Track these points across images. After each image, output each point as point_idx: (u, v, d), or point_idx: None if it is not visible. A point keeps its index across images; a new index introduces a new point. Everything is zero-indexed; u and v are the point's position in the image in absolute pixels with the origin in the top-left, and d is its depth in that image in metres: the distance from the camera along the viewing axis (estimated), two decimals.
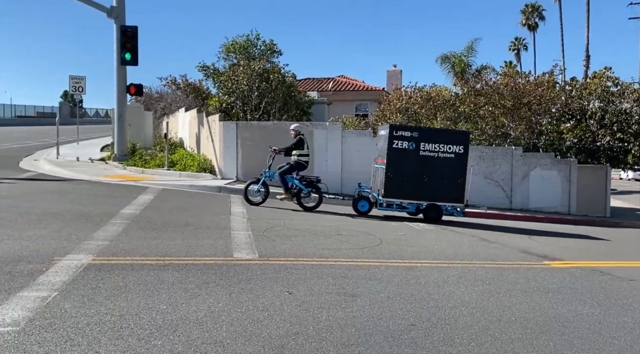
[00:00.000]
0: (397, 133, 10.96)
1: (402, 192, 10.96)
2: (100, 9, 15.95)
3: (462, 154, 11.06)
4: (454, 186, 10.99)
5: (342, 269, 5.99)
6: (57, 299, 4.19)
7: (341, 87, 27.74)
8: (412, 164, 10.87)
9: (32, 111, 72.28)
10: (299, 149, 10.97)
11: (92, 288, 4.56)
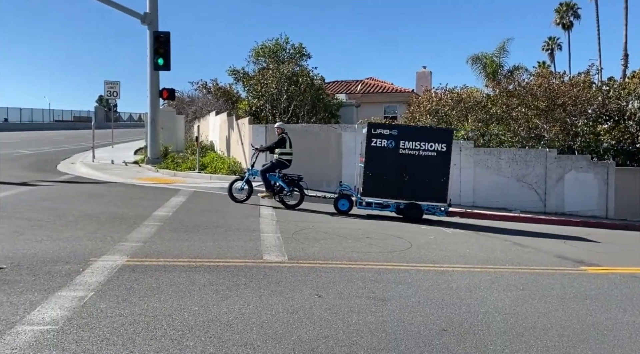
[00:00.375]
0: (376, 131, 10.79)
1: (381, 191, 10.80)
2: (134, 15, 16.36)
3: (444, 152, 10.78)
4: (436, 184, 10.76)
5: (371, 273, 5.95)
6: (93, 299, 4.30)
7: (370, 89, 27.64)
8: (392, 163, 10.68)
9: (69, 115, 74.71)
10: (281, 148, 11.02)
11: (126, 289, 4.67)
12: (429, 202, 10.80)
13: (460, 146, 14.53)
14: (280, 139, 11.06)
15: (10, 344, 3.31)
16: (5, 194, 10.06)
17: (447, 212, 11.01)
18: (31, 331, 3.53)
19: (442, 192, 10.83)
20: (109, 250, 6.04)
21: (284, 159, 11.04)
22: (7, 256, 5.44)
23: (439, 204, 10.83)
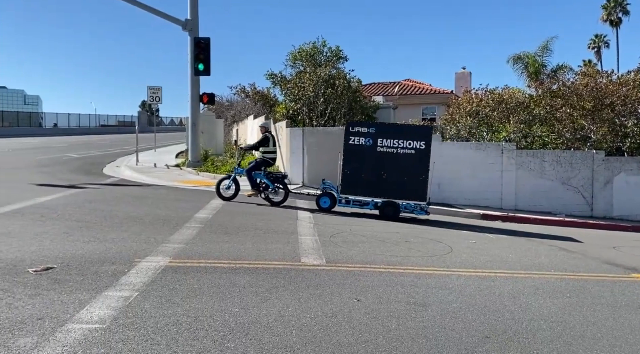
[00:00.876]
0: (354, 129, 10.78)
1: (360, 189, 10.76)
2: (176, 22, 16.80)
3: (423, 150, 10.57)
4: (415, 183, 10.56)
5: (411, 278, 5.87)
6: (138, 299, 4.42)
7: (407, 91, 27.36)
8: (370, 161, 10.62)
9: (113, 120, 77.58)
10: (265, 147, 11.19)
11: (169, 290, 4.78)
12: (407, 200, 10.64)
13: (501, 147, 14.17)
14: (263, 138, 11.27)
15: (62, 341, 3.44)
16: (56, 196, 10.51)
17: (427, 211, 10.74)
18: (80, 329, 3.66)
19: (421, 190, 10.61)
20: (152, 251, 6.21)
21: (267, 158, 11.23)
22: (58, 256, 5.67)
23: (417, 203, 10.63)
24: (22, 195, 10.36)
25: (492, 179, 14.04)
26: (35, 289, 4.50)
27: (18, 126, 56.90)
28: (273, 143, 11.34)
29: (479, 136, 16.07)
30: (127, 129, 63.04)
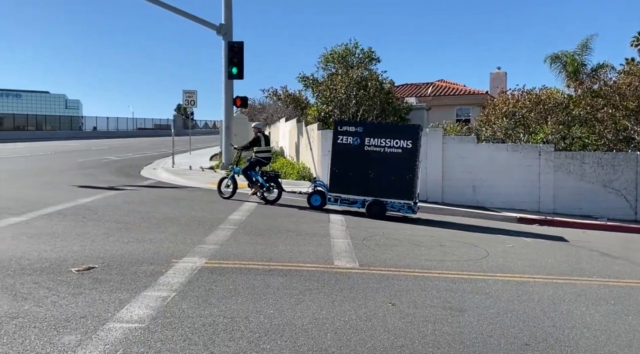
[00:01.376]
0: (342, 128, 10.82)
1: (348, 187, 10.78)
2: (210, 26, 17.11)
3: (410, 149, 10.48)
4: (401, 182, 10.48)
5: (446, 282, 5.78)
6: (175, 300, 4.51)
7: (441, 92, 27.00)
8: (357, 160, 10.64)
9: (150, 123, 79.62)
10: (257, 146, 11.51)
11: (205, 290, 4.85)
12: (394, 199, 10.55)
13: (539, 149, 13.80)
14: (255, 138, 11.58)
15: (103, 339, 3.54)
16: (96, 197, 10.85)
17: (414, 210, 10.62)
18: (121, 328, 3.76)
19: (408, 189, 10.53)
20: (189, 252, 6.32)
21: (260, 157, 11.55)
22: (99, 256, 5.85)
23: (404, 202, 10.51)
24: (65, 196, 10.75)
25: (529, 182, 13.68)
26: (78, 288, 4.66)
27: (60, 130, 59.06)
28: (266, 143, 11.68)
29: (515, 138, 15.69)
30: (163, 132, 64.54)
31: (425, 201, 13.48)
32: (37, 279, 4.89)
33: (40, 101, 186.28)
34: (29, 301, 4.26)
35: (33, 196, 10.77)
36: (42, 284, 4.72)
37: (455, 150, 13.89)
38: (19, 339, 3.46)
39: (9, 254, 5.79)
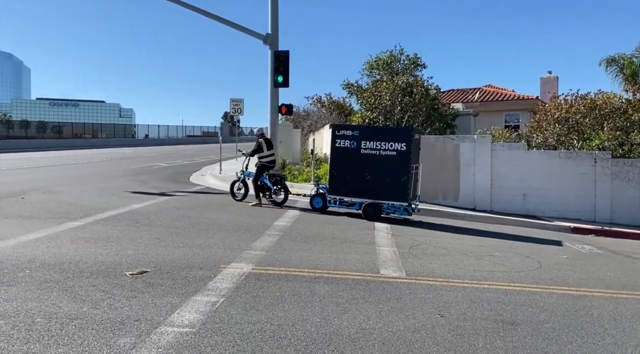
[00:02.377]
0: (340, 132, 11.09)
1: (346, 190, 11.03)
2: (257, 36, 17.42)
3: (404, 152, 10.56)
4: (396, 184, 10.60)
5: (497, 294, 5.59)
6: (224, 305, 4.58)
7: (488, 97, 26.33)
8: (354, 163, 10.87)
9: (198, 130, 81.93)
10: (259, 153, 11.99)
11: (253, 296, 4.91)
12: (389, 201, 10.70)
13: (594, 156, 13.19)
14: (257, 145, 12.07)
15: (156, 343, 3.64)
16: (148, 203, 11.24)
17: (410, 212, 10.74)
18: (172, 332, 3.86)
19: (403, 191, 10.62)
20: (236, 258, 6.43)
21: (264, 162, 12.02)
22: (151, 261, 6.04)
23: (399, 203, 10.65)
24: (119, 202, 11.20)
25: (584, 190, 13.09)
26: (132, 292, 4.82)
27: (114, 137, 61.68)
28: (268, 147, 12.08)
29: (569, 144, 15.07)
30: (210, 139, 66.24)
31: (473, 209, 13.16)
32: (94, 282, 5.10)
33: (96, 110, 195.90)
34: (87, 303, 4.44)
35: (90, 201, 11.28)
36: (98, 287, 4.92)
37: (504, 157, 13.49)
38: (79, 341, 3.61)
39: (69, 257, 6.07)
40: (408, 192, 10.63)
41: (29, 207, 9.97)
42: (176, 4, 17.55)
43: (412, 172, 10.68)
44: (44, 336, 3.66)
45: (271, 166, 12.19)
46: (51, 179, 16.30)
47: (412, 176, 10.68)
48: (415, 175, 11.06)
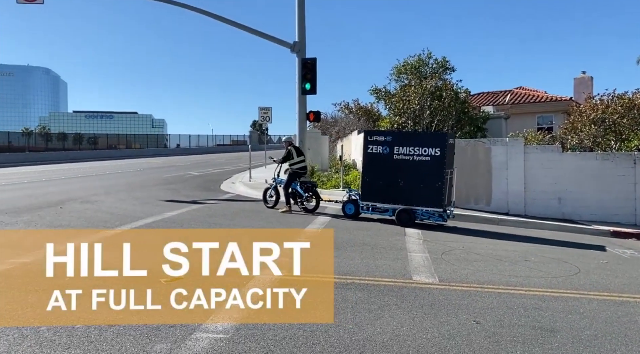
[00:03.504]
0: (372, 138, 11.09)
1: (379, 196, 10.95)
2: (284, 45, 17.61)
3: (438, 157, 10.37)
4: (430, 189, 10.43)
5: (534, 300, 5.44)
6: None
7: (520, 99, 25.79)
8: (387, 168, 10.80)
9: (228, 139, 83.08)
10: (289, 160, 12.06)
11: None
12: (423, 207, 10.55)
13: (633, 157, 12.73)
14: (287, 153, 12.16)
15: (191, 349, 3.69)
16: (181, 211, 11.45)
17: (444, 218, 10.53)
18: (207, 338, 3.91)
19: (437, 197, 10.42)
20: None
21: (295, 169, 12.04)
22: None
23: (434, 209, 10.48)
24: (153, 210, 11.44)
25: (623, 193, 12.63)
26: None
27: (147, 147, 63.12)
28: (297, 154, 12.19)
29: (606, 146, 14.61)
30: (240, 147, 67.07)
31: (507, 213, 12.88)
32: (130, 288, 5.20)
33: (129, 121, 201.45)
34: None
35: (125, 209, 11.57)
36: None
37: (538, 160, 13.17)
38: (117, 346, 3.69)
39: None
40: (443, 198, 10.45)
41: (67, 217, 10.29)
42: (207, 16, 17.92)
43: (446, 178, 10.51)
44: (84, 341, 3.76)
45: (302, 172, 12.26)
46: (88, 189, 16.80)
47: (446, 181, 10.51)
48: (450, 180, 10.85)
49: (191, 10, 17.73)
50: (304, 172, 12.45)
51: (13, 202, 12.76)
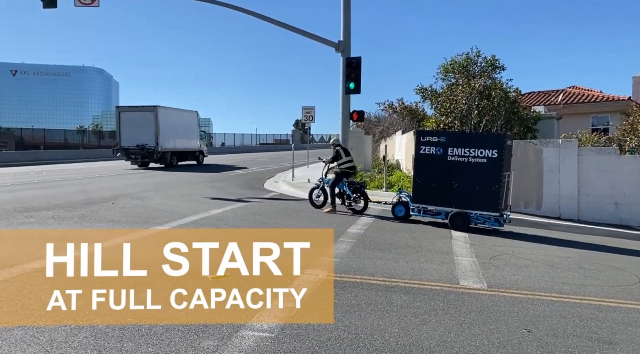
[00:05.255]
0: (425, 139, 10.82)
1: (431, 198, 10.71)
2: (329, 44, 17.62)
3: (496, 159, 9.99)
4: (487, 193, 10.05)
5: (590, 310, 5.18)
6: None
7: (573, 99, 24.74)
8: (440, 170, 10.52)
9: (270, 138, 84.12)
10: (338, 160, 12.13)
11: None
12: (479, 211, 10.19)
13: None
14: (335, 153, 12.20)
15: (238, 346, 3.72)
16: (226, 209, 11.65)
17: (501, 223, 10.12)
18: (253, 336, 3.93)
19: (494, 200, 10.05)
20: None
21: (343, 169, 12.11)
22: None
23: (489, 213, 10.13)
24: (199, 207, 11.70)
25: None
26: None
27: None
28: (345, 154, 12.26)
29: None
30: (282, 146, 67.72)
31: (558, 218, 12.37)
32: (177, 283, 5.32)
33: None
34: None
35: (173, 206, 11.89)
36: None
37: (593, 163, 12.56)
38: (166, 341, 3.78)
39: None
40: (500, 202, 10.08)
41: (119, 212, 10.68)
42: (255, 17, 18.17)
43: (504, 181, 10.14)
44: (135, 335, 3.87)
45: (351, 172, 12.29)
46: (138, 185, 17.39)
47: (504, 184, 10.14)
48: (507, 183, 10.46)
49: (240, 11, 18.03)
50: (353, 172, 12.47)
51: (68, 197, 13.37)
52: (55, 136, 52.91)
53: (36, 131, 53.77)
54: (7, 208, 11.00)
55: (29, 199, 12.77)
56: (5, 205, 11.54)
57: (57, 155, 42.28)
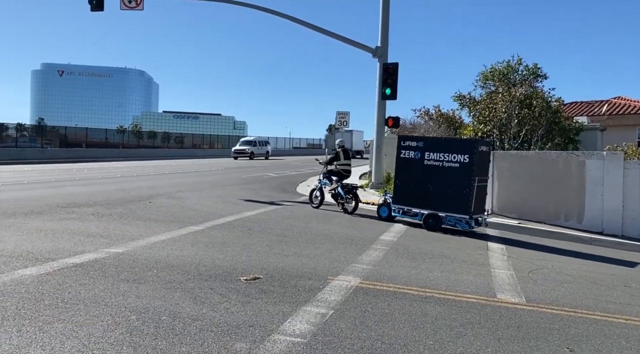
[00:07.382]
0: (405, 143, 11.37)
1: (410, 200, 11.19)
2: (366, 50, 17.57)
3: (467, 164, 10.39)
4: (459, 196, 10.43)
5: (638, 332, 4.92)
6: (333, 318, 4.55)
7: (618, 110, 23.83)
8: (418, 173, 11.02)
9: (304, 142, 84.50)
10: (337, 161, 13.04)
11: (361, 311, 4.82)
12: (451, 213, 10.55)
13: None
14: (335, 154, 13.11)
15: (269, 350, 3.70)
16: (259, 211, 11.73)
17: (471, 225, 10.39)
18: (285, 341, 3.90)
19: (465, 203, 10.40)
20: (343, 270, 6.40)
21: (339, 169, 13.00)
22: (263, 268, 6.23)
23: (460, 216, 10.44)
24: (233, 209, 11.82)
25: None
26: (246, 297, 4.99)
27: (229, 148, 65.65)
28: (345, 157, 13.08)
29: None
30: (315, 150, 67.85)
31: (601, 233, 11.87)
32: (212, 285, 5.37)
33: (213, 122, 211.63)
34: (206, 305, 4.67)
35: (208, 207, 12.05)
36: (216, 290, 5.16)
37: (639, 177, 12.01)
38: (199, 341, 3.79)
39: (189, 260, 6.48)
40: (470, 205, 10.39)
41: (155, 211, 10.89)
42: (294, 22, 18.31)
43: (474, 185, 10.38)
44: (169, 334, 3.90)
45: (345, 175, 13.07)
46: (174, 185, 17.73)
47: (474, 188, 10.38)
48: (483, 188, 10.82)
49: (279, 16, 18.20)
50: (347, 175, 13.19)
51: (107, 195, 13.74)
52: (96, 135, 54.74)
53: (79, 129, 55.69)
54: (51, 203, 11.40)
55: (70, 196, 13.19)
56: (50, 200, 11.97)
57: (97, 153, 43.72)
